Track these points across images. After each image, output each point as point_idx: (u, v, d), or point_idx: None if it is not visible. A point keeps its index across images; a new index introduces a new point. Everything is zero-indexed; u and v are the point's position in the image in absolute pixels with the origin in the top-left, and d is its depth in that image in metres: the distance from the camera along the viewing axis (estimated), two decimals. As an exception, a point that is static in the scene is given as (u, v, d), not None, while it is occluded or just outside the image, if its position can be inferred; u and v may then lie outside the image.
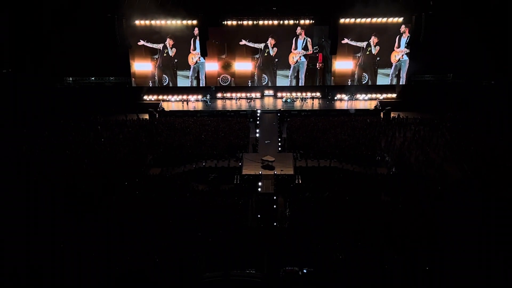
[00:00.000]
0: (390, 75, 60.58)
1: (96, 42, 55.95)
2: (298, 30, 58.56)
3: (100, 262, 27.26)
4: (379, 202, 35.04)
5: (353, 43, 58.94)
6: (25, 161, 42.40)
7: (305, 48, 59.42)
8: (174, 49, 59.76)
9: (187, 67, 60.61)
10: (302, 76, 60.67)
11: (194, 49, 59.80)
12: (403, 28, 58.28)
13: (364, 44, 59.12)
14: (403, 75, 60.38)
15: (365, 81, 60.71)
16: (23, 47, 57.30)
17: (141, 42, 58.88)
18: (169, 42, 59.18)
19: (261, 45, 59.54)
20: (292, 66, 60.37)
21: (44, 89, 58.06)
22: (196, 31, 58.20)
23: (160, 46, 59.38)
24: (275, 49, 59.71)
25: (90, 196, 35.12)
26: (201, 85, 61.32)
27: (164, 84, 61.04)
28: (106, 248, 28.59)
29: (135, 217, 32.31)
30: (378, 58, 59.92)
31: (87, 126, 51.80)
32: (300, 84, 61.04)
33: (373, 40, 58.76)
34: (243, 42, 59.20)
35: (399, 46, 59.30)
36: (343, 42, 58.36)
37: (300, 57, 59.77)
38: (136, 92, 60.49)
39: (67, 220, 31.32)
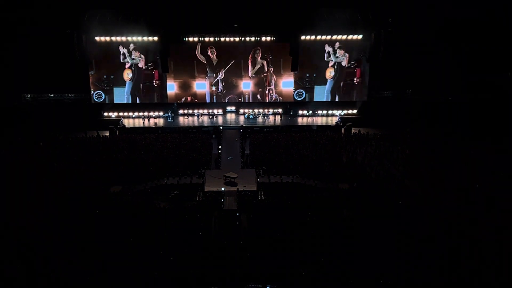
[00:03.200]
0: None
1: (55, 58, 55.13)
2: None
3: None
4: (341, 217, 35.21)
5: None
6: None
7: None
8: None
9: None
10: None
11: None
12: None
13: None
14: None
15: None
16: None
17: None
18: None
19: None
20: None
21: (1, 105, 56.85)
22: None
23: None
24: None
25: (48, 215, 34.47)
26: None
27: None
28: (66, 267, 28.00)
29: (96, 236, 31.72)
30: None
31: (45, 144, 50.71)
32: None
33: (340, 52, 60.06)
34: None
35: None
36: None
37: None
38: (96, 109, 59.63)
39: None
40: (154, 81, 60.19)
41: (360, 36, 58.04)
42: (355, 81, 61.23)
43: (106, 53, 58.37)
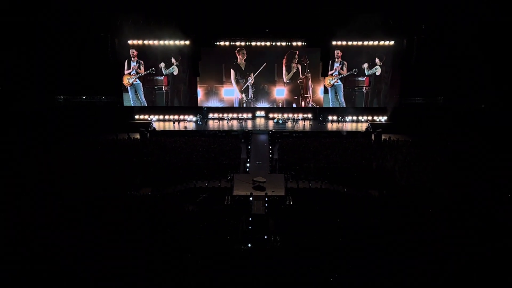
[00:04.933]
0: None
1: (88, 60, 56.05)
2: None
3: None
4: (370, 224, 34.87)
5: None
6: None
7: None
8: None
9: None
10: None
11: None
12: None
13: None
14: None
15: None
16: (14, 65, 57.10)
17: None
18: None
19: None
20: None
21: (35, 107, 57.89)
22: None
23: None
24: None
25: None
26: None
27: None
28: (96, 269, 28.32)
29: (125, 238, 32.04)
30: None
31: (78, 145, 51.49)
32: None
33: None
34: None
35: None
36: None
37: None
38: (128, 112, 60.27)
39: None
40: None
41: (391, 42, 57.47)
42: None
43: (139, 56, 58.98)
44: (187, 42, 57.65)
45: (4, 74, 58.19)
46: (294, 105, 61.47)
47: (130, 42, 57.50)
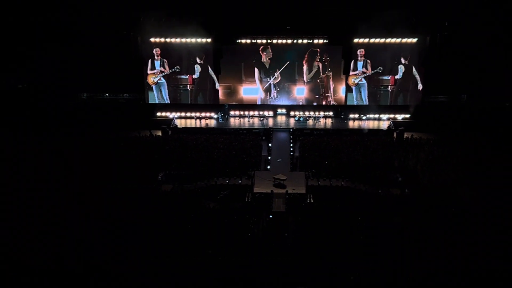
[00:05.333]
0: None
1: (111, 58, 56.55)
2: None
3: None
4: (391, 223, 34.65)
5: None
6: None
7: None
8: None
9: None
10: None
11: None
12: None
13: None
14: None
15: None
16: (40, 62, 57.84)
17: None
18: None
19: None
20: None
21: (59, 104, 58.62)
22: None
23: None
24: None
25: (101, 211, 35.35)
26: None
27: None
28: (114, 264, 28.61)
29: (145, 233, 32.30)
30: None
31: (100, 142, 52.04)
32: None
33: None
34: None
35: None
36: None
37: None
38: (150, 109, 60.67)
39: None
40: (188, 85, 60.74)
41: (414, 40, 56.91)
42: (389, 89, 60.06)
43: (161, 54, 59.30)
44: (209, 40, 57.78)
45: (29, 72, 58.98)
46: (315, 104, 61.23)
47: (152, 39, 57.85)
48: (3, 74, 59.17)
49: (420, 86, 58.97)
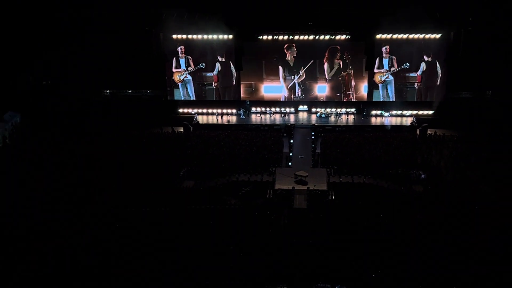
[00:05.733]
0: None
1: (134, 55, 56.95)
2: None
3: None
4: (414, 220, 34.39)
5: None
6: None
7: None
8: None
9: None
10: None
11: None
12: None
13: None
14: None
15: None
16: (62, 59, 58.44)
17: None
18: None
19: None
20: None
21: (82, 100, 59.24)
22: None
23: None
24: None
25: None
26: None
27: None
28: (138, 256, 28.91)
29: (167, 230, 32.56)
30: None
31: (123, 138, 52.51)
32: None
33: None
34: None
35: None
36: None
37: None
38: (172, 105, 60.95)
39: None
40: (213, 83, 60.73)
41: (438, 35, 56.22)
42: (415, 86, 59.29)
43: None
44: (230, 37, 57.76)
45: (52, 69, 59.65)
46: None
47: (174, 36, 58.02)
48: (28, 71, 59.95)
49: (438, 82, 58.24)
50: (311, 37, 57.77)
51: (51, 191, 38.93)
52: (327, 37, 57.52)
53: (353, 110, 60.45)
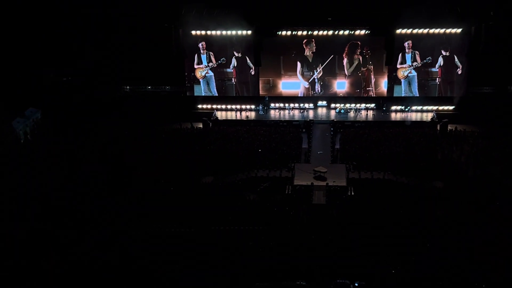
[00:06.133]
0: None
1: (153, 51, 57.24)
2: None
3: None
4: (434, 216, 34.14)
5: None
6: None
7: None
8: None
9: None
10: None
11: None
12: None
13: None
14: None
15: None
16: (83, 56, 58.88)
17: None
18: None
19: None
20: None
21: (102, 97, 59.73)
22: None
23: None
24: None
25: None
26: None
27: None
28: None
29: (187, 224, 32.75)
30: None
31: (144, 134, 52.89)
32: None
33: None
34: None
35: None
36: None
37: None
38: (191, 101, 61.10)
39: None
40: (232, 78, 60.76)
41: (459, 30, 55.56)
42: (437, 81, 58.65)
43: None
44: (249, 32, 57.67)
45: (73, 66, 60.16)
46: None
47: (193, 32, 58.12)
48: (48, 68, 60.53)
49: (456, 76, 57.72)
50: (330, 32, 57.42)
51: (72, 185, 39.43)
52: (346, 32, 57.16)
53: (372, 105, 60.02)
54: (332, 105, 60.43)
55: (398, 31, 56.22)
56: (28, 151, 48.04)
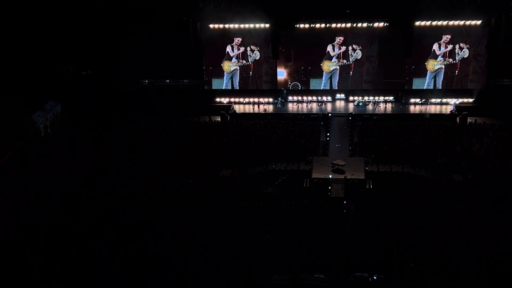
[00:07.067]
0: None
1: (171, 44, 57.52)
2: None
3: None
4: (453, 210, 33.95)
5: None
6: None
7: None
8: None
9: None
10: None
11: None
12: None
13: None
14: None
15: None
16: (102, 50, 59.30)
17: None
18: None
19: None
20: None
21: (121, 90, 60.19)
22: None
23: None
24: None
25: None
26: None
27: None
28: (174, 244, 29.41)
29: (205, 218, 32.98)
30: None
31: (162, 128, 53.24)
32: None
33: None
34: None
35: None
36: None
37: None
38: (209, 95, 61.35)
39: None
40: (250, 72, 60.79)
41: (479, 22, 54.94)
42: (456, 73, 58.10)
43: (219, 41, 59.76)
44: (267, 25, 57.64)
45: (92, 59, 60.66)
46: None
47: (211, 26, 58.25)
48: (68, 62, 61.11)
49: (475, 69, 57.36)
50: (349, 25, 57.20)
51: (90, 179, 39.86)
52: (365, 24, 56.87)
53: (391, 98, 59.74)
54: (351, 98, 60.31)
55: (417, 23, 55.75)
56: (49, 144, 48.62)
